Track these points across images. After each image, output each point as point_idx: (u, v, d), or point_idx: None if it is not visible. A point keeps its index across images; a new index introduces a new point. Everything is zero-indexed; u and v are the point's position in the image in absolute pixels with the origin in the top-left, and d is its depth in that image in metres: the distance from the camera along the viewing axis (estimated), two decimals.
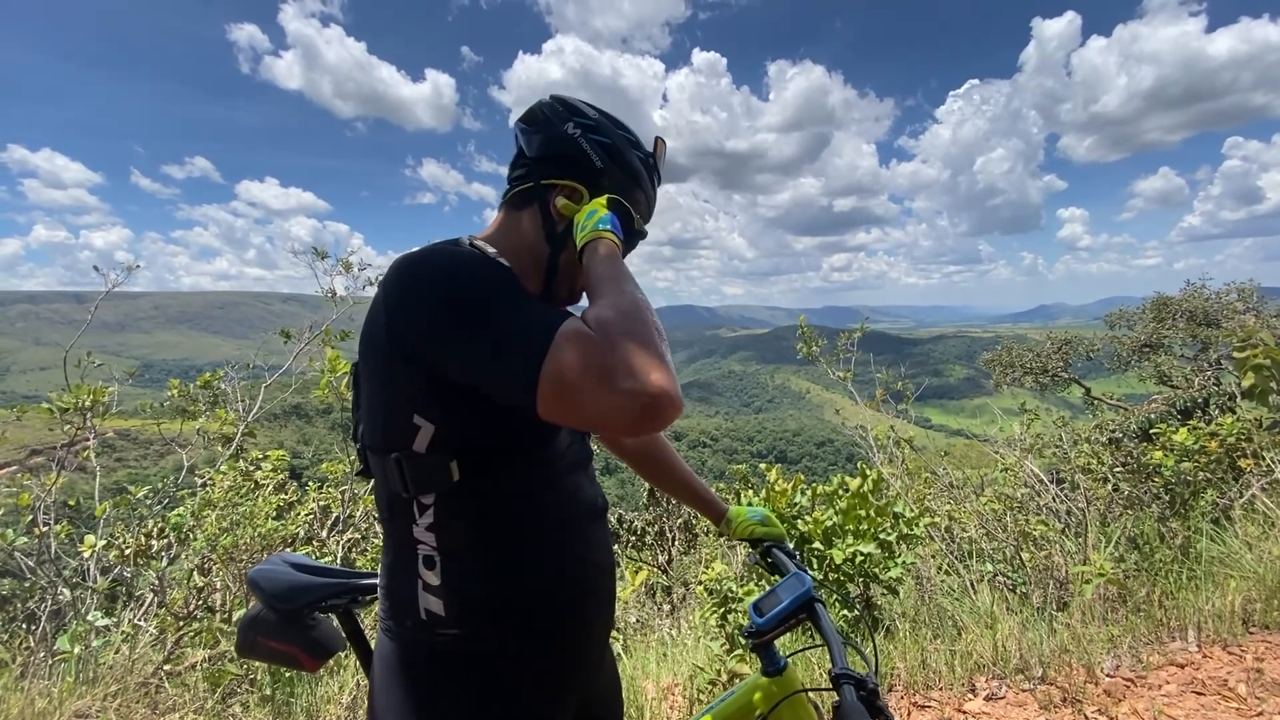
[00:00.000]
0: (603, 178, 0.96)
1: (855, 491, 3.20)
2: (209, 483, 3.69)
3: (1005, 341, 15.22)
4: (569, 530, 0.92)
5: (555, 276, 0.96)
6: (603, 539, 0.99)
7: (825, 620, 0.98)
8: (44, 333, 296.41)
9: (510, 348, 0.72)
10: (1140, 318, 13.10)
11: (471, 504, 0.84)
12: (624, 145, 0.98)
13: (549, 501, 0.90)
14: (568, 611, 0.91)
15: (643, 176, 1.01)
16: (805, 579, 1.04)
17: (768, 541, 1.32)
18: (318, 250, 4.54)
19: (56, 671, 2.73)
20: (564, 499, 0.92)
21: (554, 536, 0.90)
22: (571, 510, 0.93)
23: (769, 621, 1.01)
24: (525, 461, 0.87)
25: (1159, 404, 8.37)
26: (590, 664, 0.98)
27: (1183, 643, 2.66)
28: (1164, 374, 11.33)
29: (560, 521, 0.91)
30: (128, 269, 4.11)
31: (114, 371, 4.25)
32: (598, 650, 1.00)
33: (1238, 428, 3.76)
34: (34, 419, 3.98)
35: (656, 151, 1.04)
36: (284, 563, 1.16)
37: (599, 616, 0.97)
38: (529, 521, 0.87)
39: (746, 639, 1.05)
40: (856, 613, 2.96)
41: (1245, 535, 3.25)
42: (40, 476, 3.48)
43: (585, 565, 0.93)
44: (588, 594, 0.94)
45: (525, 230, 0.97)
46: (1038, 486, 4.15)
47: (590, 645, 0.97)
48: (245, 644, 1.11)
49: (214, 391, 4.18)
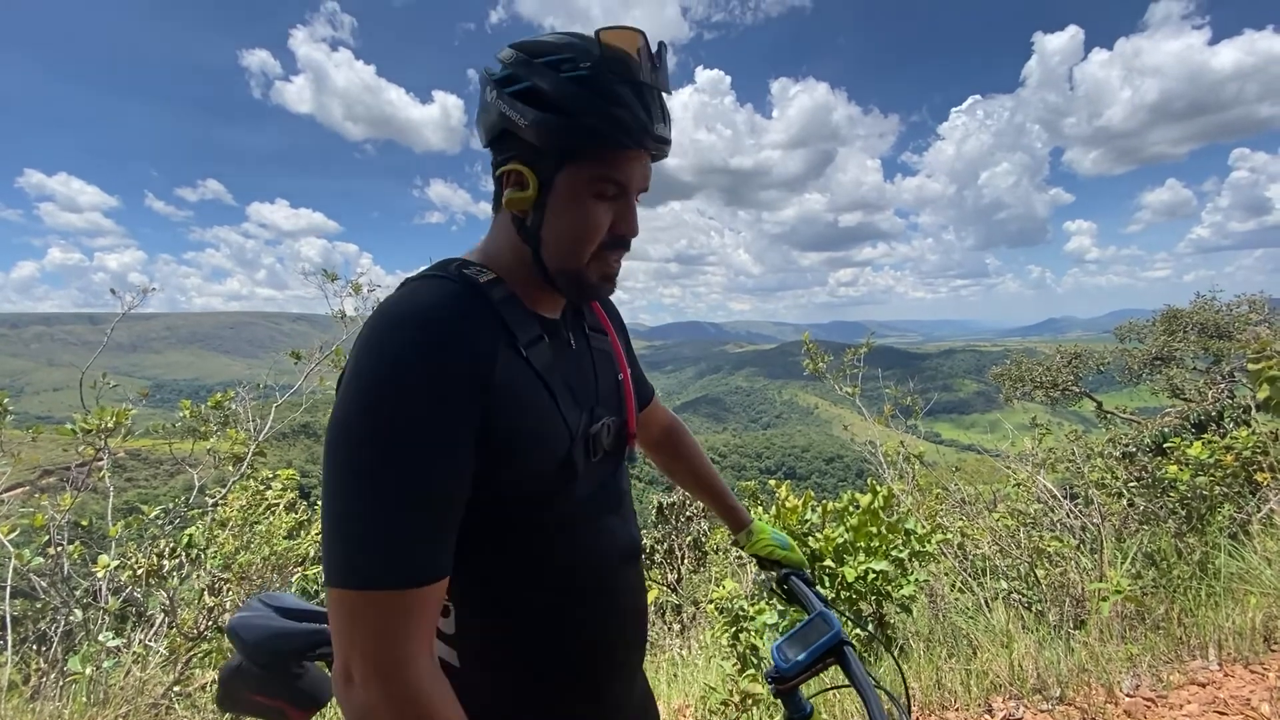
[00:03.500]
0: (533, 150, 0.75)
1: (866, 508, 3.18)
2: (221, 502, 3.71)
3: (1014, 355, 15.14)
4: (590, 584, 0.83)
5: (550, 275, 0.80)
6: (632, 583, 0.91)
7: (856, 667, 0.92)
8: (58, 354, 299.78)
9: (329, 541, 0.64)
10: (1151, 330, 13.01)
11: (481, 557, 0.76)
12: (547, 79, 0.72)
13: (565, 554, 0.81)
14: (585, 668, 0.84)
15: (589, 99, 0.72)
16: (833, 620, 0.98)
17: (786, 568, 1.26)
18: (328, 272, 4.60)
19: (67, 693, 2.73)
20: (585, 550, 0.83)
21: (570, 594, 0.81)
22: (594, 561, 0.84)
23: (794, 667, 0.95)
24: (531, 516, 0.78)
25: (1172, 417, 8.28)
26: (613, 703, 0.91)
27: (1203, 661, 2.61)
28: (1176, 387, 11.22)
29: (578, 576, 0.82)
30: (143, 291, 4.17)
31: (128, 392, 4.30)
32: (623, 688, 0.92)
33: (1253, 441, 3.72)
34: (46, 439, 4.03)
35: (609, 50, 0.73)
36: (266, 606, 1.04)
37: (624, 664, 0.91)
38: (543, 574, 0.80)
39: (769, 683, 0.99)
40: (870, 631, 2.93)
41: (1264, 551, 3.20)
42: (54, 497, 3.51)
43: (608, 619, 0.86)
44: (613, 648, 0.88)
45: (505, 232, 0.82)
46: (1051, 502, 4.11)
47: (611, 687, 0.89)
48: (226, 698, 1.02)
49: (225, 412, 4.22)
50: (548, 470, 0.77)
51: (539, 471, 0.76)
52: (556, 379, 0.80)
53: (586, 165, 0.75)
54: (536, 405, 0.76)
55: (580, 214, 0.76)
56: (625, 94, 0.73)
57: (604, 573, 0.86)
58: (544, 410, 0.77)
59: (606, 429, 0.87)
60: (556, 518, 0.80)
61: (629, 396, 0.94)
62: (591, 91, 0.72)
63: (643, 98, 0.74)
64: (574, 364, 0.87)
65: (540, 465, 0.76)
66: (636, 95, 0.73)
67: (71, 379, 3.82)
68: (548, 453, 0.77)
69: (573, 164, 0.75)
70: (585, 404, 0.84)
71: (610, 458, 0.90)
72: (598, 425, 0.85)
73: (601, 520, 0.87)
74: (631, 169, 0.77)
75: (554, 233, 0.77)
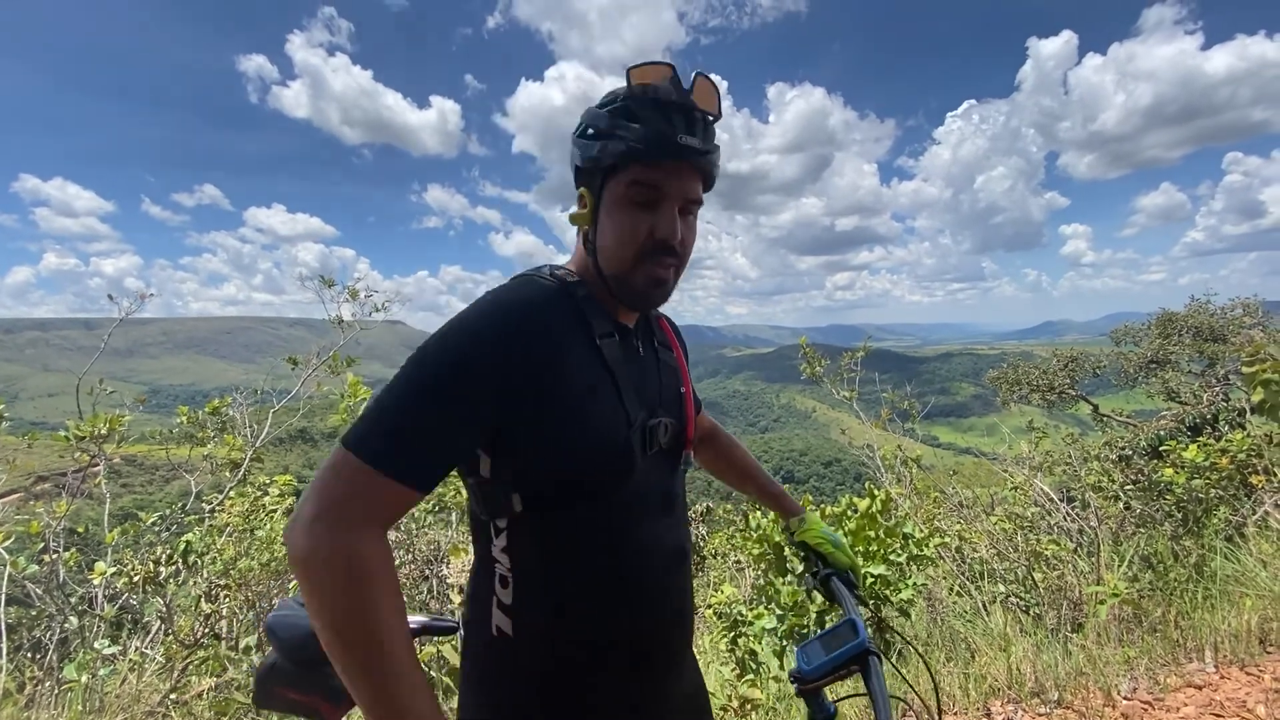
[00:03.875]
0: (586, 172, 0.89)
1: (864, 512, 3.18)
2: (218, 509, 3.70)
3: (1011, 359, 15.18)
4: (639, 580, 0.89)
5: (611, 283, 0.90)
6: (680, 584, 0.96)
7: (877, 678, 0.91)
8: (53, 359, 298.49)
9: (359, 419, 0.77)
10: (1146, 334, 13.07)
11: (537, 537, 0.85)
12: (596, 117, 0.87)
13: (617, 547, 0.87)
14: (631, 658, 0.90)
15: (620, 122, 0.84)
16: (861, 629, 0.97)
17: (831, 569, 1.25)
18: (324, 278, 4.59)
19: (63, 701, 2.71)
20: (637, 546, 0.89)
21: (622, 586, 0.88)
22: (644, 559, 0.90)
23: (815, 671, 0.96)
24: (590, 503, 0.85)
25: (1168, 420, 8.31)
26: (657, 691, 0.95)
27: (1200, 664, 2.61)
28: (1172, 390, 11.26)
29: (629, 569, 0.88)
30: (141, 297, 4.17)
31: (124, 398, 4.29)
32: (672, 677, 0.98)
33: (1248, 444, 3.74)
34: (42, 445, 4.02)
35: (637, 82, 0.86)
36: (301, 605, 1.05)
37: (670, 656, 0.96)
38: (596, 565, 0.86)
39: (792, 682, 0.99)
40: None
41: (1259, 553, 3.21)
42: (50, 504, 3.50)
43: (657, 613, 0.92)
44: (659, 641, 0.93)
45: (578, 248, 0.96)
46: (1048, 505, 4.12)
47: (655, 675, 0.94)
48: (262, 695, 1.05)
49: (222, 418, 4.21)
50: (606, 451, 0.85)
51: (597, 450, 0.84)
52: (623, 372, 0.90)
53: (623, 176, 0.86)
54: (601, 390, 0.86)
55: (619, 220, 0.87)
56: (649, 114, 0.84)
57: (655, 569, 0.92)
58: (606, 395, 0.87)
59: (665, 427, 0.95)
60: (612, 508, 0.87)
61: (689, 406, 1.03)
62: (623, 115, 0.85)
63: (668, 115, 0.84)
64: (641, 367, 0.96)
65: (598, 443, 0.84)
66: (661, 113, 0.84)
67: (67, 385, 3.81)
68: (606, 434, 0.85)
69: (613, 177, 0.87)
70: (648, 403, 0.93)
71: (667, 458, 0.97)
72: (655, 421, 0.93)
73: (655, 520, 0.93)
74: (665, 178, 0.86)
75: (603, 240, 0.89)
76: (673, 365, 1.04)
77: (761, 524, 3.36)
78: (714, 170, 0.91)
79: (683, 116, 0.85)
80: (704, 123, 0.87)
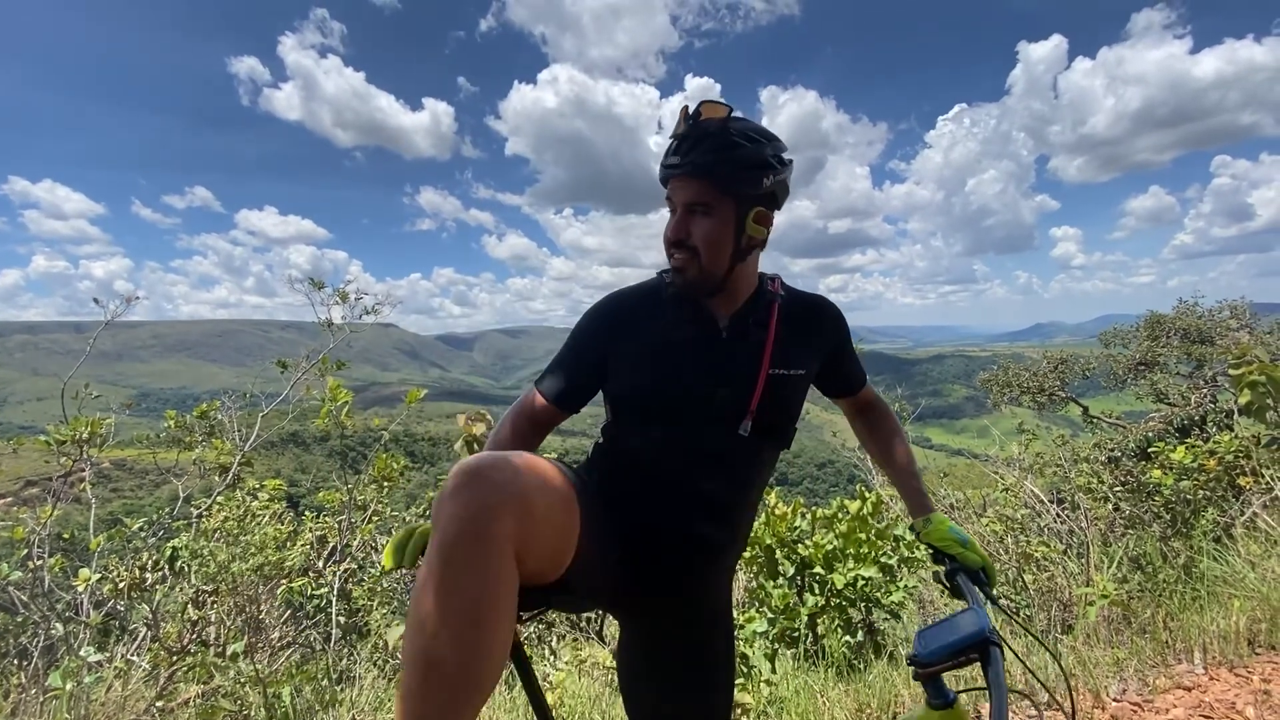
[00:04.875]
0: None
1: (855, 514, 3.19)
2: (205, 514, 3.66)
3: (1002, 361, 15.24)
4: (654, 493, 1.19)
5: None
6: (701, 528, 1.20)
7: (997, 669, 0.90)
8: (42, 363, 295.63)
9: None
10: (1135, 336, 13.14)
11: (612, 430, 1.28)
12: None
13: (638, 460, 1.22)
14: (641, 534, 1.19)
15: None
16: (983, 617, 0.97)
17: (958, 565, 1.26)
18: (314, 281, 4.56)
19: (48, 709, 2.68)
20: (660, 472, 1.20)
21: (639, 490, 1.20)
22: (661, 483, 1.19)
23: (932, 655, 0.95)
24: (636, 428, 1.22)
25: (1157, 422, 8.37)
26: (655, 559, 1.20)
27: (1189, 665, 2.63)
28: (1161, 392, 11.34)
29: (645, 483, 1.20)
30: (127, 300, 4.12)
31: (111, 402, 4.24)
32: (680, 573, 1.23)
33: (1236, 445, 3.76)
34: (30, 450, 3.97)
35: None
36: None
37: (674, 557, 1.20)
38: (625, 467, 1.23)
39: (909, 665, 0.99)
40: (860, 638, 2.93)
41: (1248, 554, 3.23)
42: (35, 509, 3.45)
43: (649, 530, 1.19)
44: (661, 538, 1.19)
45: None
46: (1039, 507, 4.13)
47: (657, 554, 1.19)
48: None
49: (210, 422, 4.17)
50: (645, 394, 1.20)
51: (637, 390, 1.22)
52: (684, 351, 1.20)
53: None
54: (653, 359, 1.21)
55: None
56: (668, 146, 1.18)
57: (674, 498, 1.19)
58: (655, 363, 1.21)
59: (721, 396, 1.19)
60: (650, 437, 1.20)
61: (759, 384, 1.20)
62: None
63: (669, 147, 1.17)
64: (713, 347, 1.22)
65: (638, 389, 1.21)
66: (672, 144, 1.17)
67: (56, 389, 3.76)
68: (643, 384, 1.21)
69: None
70: (705, 375, 1.19)
71: (723, 421, 1.19)
72: (708, 390, 1.19)
73: (696, 466, 1.19)
74: (671, 192, 1.19)
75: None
76: (755, 348, 1.22)
77: (756, 529, 3.36)
78: (713, 169, 1.12)
79: (674, 142, 1.15)
80: (691, 140, 1.13)
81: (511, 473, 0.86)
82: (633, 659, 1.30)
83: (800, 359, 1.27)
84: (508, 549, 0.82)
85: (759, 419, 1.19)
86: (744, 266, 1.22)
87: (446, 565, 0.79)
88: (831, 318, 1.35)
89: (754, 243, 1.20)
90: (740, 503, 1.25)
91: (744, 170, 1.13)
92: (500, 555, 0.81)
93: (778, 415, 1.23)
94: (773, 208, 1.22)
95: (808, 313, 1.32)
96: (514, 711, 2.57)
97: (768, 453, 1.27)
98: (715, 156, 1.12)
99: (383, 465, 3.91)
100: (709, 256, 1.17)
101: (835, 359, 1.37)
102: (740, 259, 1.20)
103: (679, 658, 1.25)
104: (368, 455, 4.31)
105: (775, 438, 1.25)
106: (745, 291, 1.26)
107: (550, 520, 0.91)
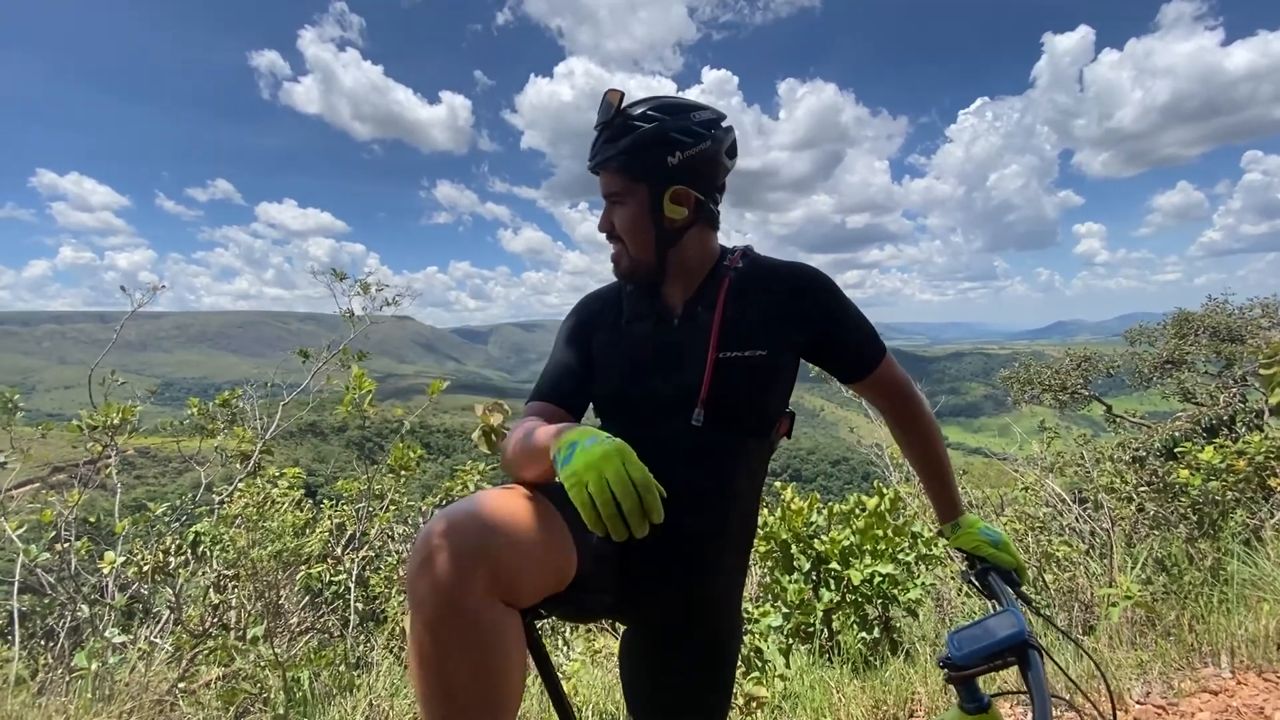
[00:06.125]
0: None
1: (872, 511, 3.16)
2: (227, 500, 3.72)
3: (1023, 359, 15.01)
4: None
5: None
6: (677, 523, 1.03)
7: (1038, 673, 0.86)
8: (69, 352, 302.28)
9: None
10: (1161, 334, 12.88)
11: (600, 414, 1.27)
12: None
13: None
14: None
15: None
16: (1019, 619, 0.93)
17: (989, 564, 1.21)
18: (336, 272, 4.60)
19: (74, 689, 2.74)
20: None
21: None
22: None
23: (967, 658, 0.92)
24: (608, 425, 1.20)
25: (1183, 422, 8.20)
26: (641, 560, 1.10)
27: (1215, 669, 2.57)
28: (1188, 391, 11.11)
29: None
30: (153, 289, 4.20)
31: (136, 390, 4.32)
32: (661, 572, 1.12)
33: (1266, 446, 3.67)
34: (57, 436, 4.05)
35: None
36: None
37: (646, 576, 1.11)
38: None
39: (941, 668, 0.96)
40: (875, 635, 2.90)
41: (1277, 557, 3.15)
42: (63, 493, 3.53)
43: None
44: (629, 557, 1.09)
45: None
46: (1060, 506, 4.07)
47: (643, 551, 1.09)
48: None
49: (232, 410, 4.23)
50: (610, 393, 1.21)
51: (604, 389, 1.21)
52: (642, 344, 1.19)
53: None
54: (615, 356, 1.22)
55: None
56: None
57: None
58: (618, 360, 1.21)
59: (665, 387, 1.15)
60: (620, 430, 1.07)
61: (709, 366, 1.12)
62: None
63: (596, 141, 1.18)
64: (666, 336, 1.18)
65: (605, 387, 1.21)
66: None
67: (82, 377, 3.84)
68: (609, 383, 1.21)
69: None
70: (658, 365, 1.17)
71: (677, 411, 1.13)
72: (650, 383, 1.16)
73: (671, 460, 1.07)
74: (600, 186, 1.20)
75: None
76: (703, 331, 1.15)
77: (768, 521, 3.34)
78: (611, 159, 1.13)
79: (598, 135, 1.17)
80: (603, 135, 1.15)
81: (475, 530, 0.84)
82: (630, 657, 1.26)
83: (758, 338, 1.14)
84: (487, 605, 0.82)
85: (711, 408, 1.11)
86: (683, 248, 1.17)
87: (436, 644, 0.80)
88: (806, 287, 1.19)
89: (676, 224, 1.14)
90: (716, 492, 1.13)
91: (642, 152, 1.10)
92: (483, 614, 0.82)
93: (736, 402, 1.12)
94: (696, 183, 1.14)
95: (770, 284, 1.18)
96: (529, 698, 2.58)
97: (736, 442, 1.14)
98: (612, 146, 1.12)
99: (400, 455, 3.94)
100: (632, 245, 1.16)
101: (824, 335, 1.19)
102: (669, 242, 1.15)
103: (673, 657, 1.19)
104: (384, 445, 4.35)
105: (740, 426, 1.13)
106: (701, 273, 1.19)
107: (530, 556, 0.88)
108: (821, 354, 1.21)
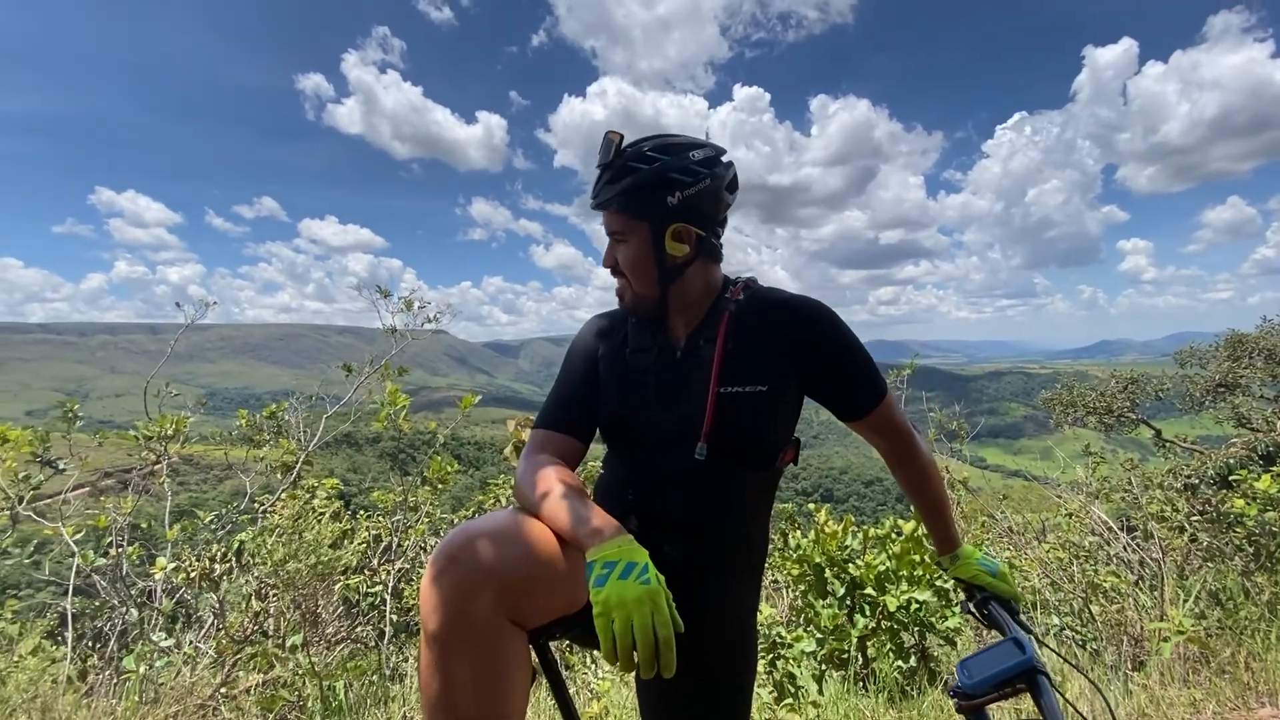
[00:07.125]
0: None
1: (909, 535, 3.10)
2: (270, 510, 3.82)
3: (1065, 379, 14.54)
4: (625, 518, 1.12)
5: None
6: (660, 550, 1.09)
7: (1049, 699, 0.86)
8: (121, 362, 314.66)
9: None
10: (1214, 355, 12.38)
11: (605, 461, 1.33)
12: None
13: (613, 486, 1.25)
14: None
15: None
16: (1027, 646, 0.94)
17: (988, 593, 1.23)
18: (381, 289, 4.72)
19: (121, 690, 2.83)
20: (624, 495, 1.20)
21: (617, 515, 1.07)
22: (630, 508, 1.17)
23: (977, 686, 0.92)
24: (613, 453, 1.28)
25: (1238, 448, 7.85)
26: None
27: (1273, 709, 2.45)
28: (1242, 416, 10.64)
29: (620, 508, 1.14)
30: (205, 305, 4.36)
31: (185, 400, 4.49)
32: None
33: None
34: (109, 444, 4.22)
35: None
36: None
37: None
38: (604, 493, 1.27)
39: (952, 698, 0.96)
40: (912, 664, 2.84)
41: None
42: (117, 499, 3.67)
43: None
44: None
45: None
46: (1106, 534, 3.93)
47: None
48: None
49: (278, 422, 4.36)
50: (612, 420, 1.22)
51: (607, 418, 1.23)
52: (645, 375, 1.20)
53: None
54: (618, 385, 1.23)
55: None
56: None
57: (646, 528, 1.13)
58: (620, 389, 1.22)
59: (670, 420, 1.16)
60: (623, 459, 1.25)
61: (709, 405, 1.13)
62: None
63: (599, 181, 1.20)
64: (669, 368, 1.20)
65: (608, 414, 1.22)
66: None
67: (132, 386, 4.02)
68: (611, 410, 1.22)
69: None
70: (660, 398, 1.18)
71: (681, 443, 1.14)
72: (656, 415, 1.18)
73: (671, 490, 1.15)
74: (604, 223, 1.22)
75: None
76: (705, 366, 1.16)
77: (801, 544, 3.30)
78: (612, 200, 1.15)
79: (595, 179, 1.21)
80: (604, 176, 1.18)
81: (488, 548, 0.88)
82: (644, 685, 1.28)
83: (758, 373, 1.14)
84: (494, 621, 0.87)
85: (714, 442, 1.11)
86: (685, 283, 1.18)
87: (442, 654, 0.86)
88: (800, 320, 1.17)
89: (677, 260, 1.16)
90: (717, 524, 1.15)
91: (643, 193, 1.13)
92: (488, 630, 0.86)
93: (739, 436, 1.12)
94: (697, 220, 1.15)
95: (766, 318, 1.18)
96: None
97: (739, 475, 1.15)
98: (613, 187, 1.14)
99: (437, 468, 4.01)
100: (636, 281, 1.18)
101: (820, 371, 1.18)
102: (671, 278, 1.16)
103: (684, 686, 1.17)
104: (416, 457, 4.42)
105: (743, 459, 1.14)
106: (703, 306, 1.20)
107: (540, 579, 0.91)
108: (818, 390, 1.20)
